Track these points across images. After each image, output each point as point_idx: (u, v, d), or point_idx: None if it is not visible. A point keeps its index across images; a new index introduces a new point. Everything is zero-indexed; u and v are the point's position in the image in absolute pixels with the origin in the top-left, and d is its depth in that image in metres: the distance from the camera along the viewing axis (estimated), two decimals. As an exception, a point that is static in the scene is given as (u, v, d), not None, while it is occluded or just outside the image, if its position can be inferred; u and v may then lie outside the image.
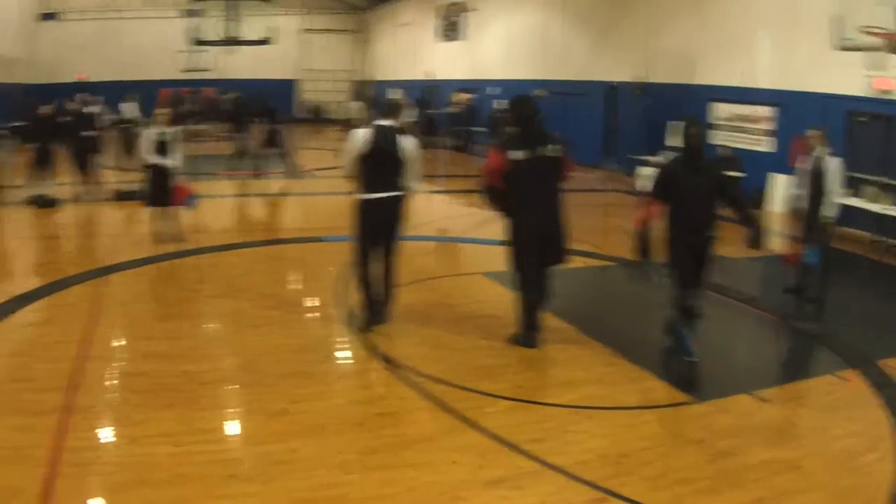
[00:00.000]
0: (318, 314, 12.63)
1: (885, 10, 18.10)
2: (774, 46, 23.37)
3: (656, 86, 28.47)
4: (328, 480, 7.27)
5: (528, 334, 11.00)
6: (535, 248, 10.75)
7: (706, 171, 10.10)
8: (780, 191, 21.75)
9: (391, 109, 11.37)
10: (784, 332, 12.49)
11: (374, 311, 11.33)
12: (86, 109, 23.69)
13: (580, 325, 11.88)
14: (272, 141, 28.37)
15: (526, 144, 10.43)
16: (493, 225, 18.05)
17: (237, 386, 9.53)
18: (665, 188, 10.00)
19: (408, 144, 11.02)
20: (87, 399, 8.88)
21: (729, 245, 10.64)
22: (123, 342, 11.18)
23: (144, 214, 17.44)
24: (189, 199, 16.84)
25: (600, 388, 9.76)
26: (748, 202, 10.60)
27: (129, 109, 31.84)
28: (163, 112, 17.30)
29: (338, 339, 11.31)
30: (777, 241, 17.15)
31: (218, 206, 22.57)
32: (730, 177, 10.68)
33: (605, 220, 22.02)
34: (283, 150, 28.72)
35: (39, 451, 7.56)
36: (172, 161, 16.42)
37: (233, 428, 8.48)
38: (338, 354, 10.96)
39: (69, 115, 23.33)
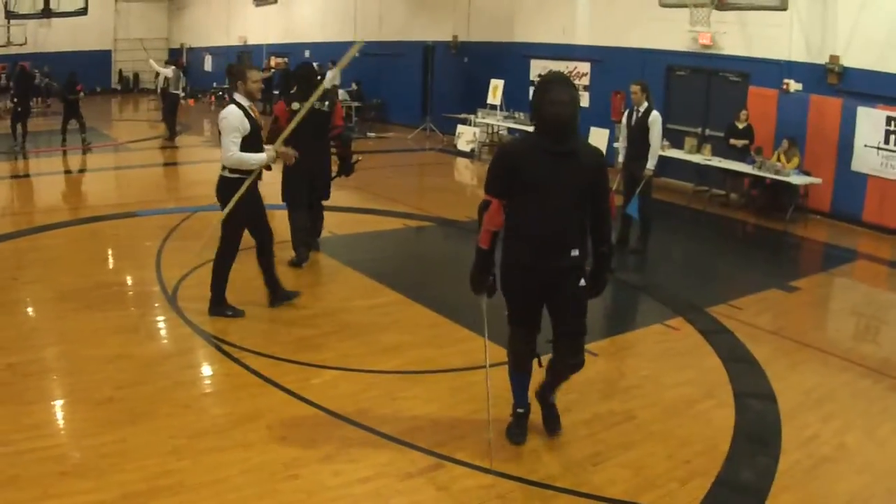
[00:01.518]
0: (137, 292, 12.24)
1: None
2: (593, 3, 23.66)
3: (474, 44, 28.64)
4: (161, 469, 7.08)
5: (299, 251, 13.20)
6: (306, 182, 13.15)
7: (574, 160, 6.89)
8: (601, 144, 22.10)
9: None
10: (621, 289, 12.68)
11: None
12: None
13: (401, 289, 11.99)
14: (71, 114, 27.59)
15: (303, 99, 11.86)
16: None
17: (62, 375, 9.17)
18: (504, 181, 7.07)
19: None
20: None
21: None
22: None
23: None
24: None
25: (426, 351, 9.85)
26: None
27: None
28: None
29: (159, 318, 11.00)
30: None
31: (30, 185, 22.03)
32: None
33: (421, 180, 22.04)
34: (82, 123, 27.73)
35: None
36: None
37: (61, 421, 8.09)
38: (160, 334, 10.53)
39: None
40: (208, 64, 50.48)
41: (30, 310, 11.64)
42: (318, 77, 14.38)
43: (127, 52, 55.16)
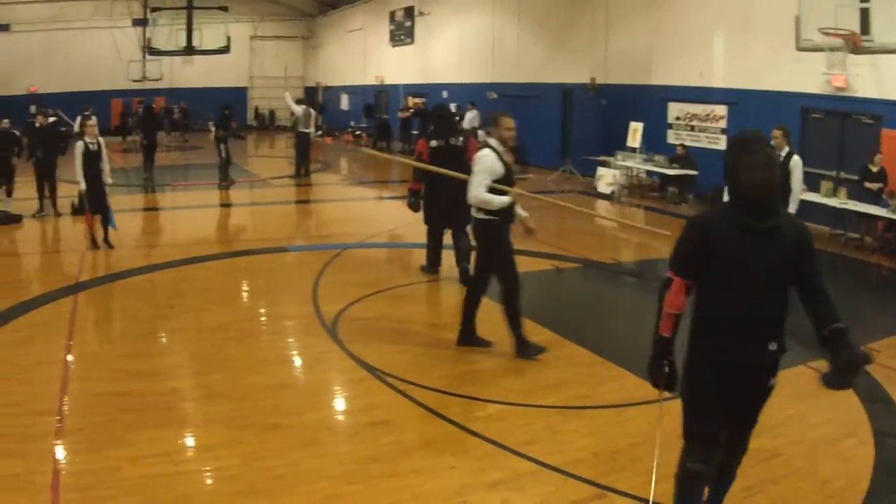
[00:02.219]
0: (296, 324, 12.51)
1: (846, 10, 18.46)
2: (728, 46, 23.61)
3: (612, 87, 28.61)
4: (334, 491, 7.26)
5: (432, 264, 15.23)
6: (446, 210, 14.25)
7: (777, 237, 5.92)
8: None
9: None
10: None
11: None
12: (46, 122, 23.50)
13: (555, 328, 11.97)
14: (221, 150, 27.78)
15: (440, 137, 14.53)
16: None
17: (228, 401, 9.43)
18: (694, 259, 6.09)
19: None
20: (76, 421, 8.76)
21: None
22: (105, 361, 10.94)
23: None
24: (110, 220, 17.40)
25: (583, 388, 9.90)
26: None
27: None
28: (90, 125, 17.84)
29: (320, 350, 11.25)
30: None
31: (175, 217, 22.58)
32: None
33: (564, 222, 22.05)
34: (228, 159, 28.03)
35: (39, 477, 7.45)
36: (103, 167, 17.37)
37: (229, 445, 8.29)
38: (322, 365, 10.82)
39: (36, 129, 23.29)
40: (345, 103, 51.08)
41: (190, 338, 11.96)
42: (457, 118, 16.32)
43: (262, 89, 56.24)
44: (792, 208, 13.56)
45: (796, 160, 14.06)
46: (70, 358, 10.92)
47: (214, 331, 12.21)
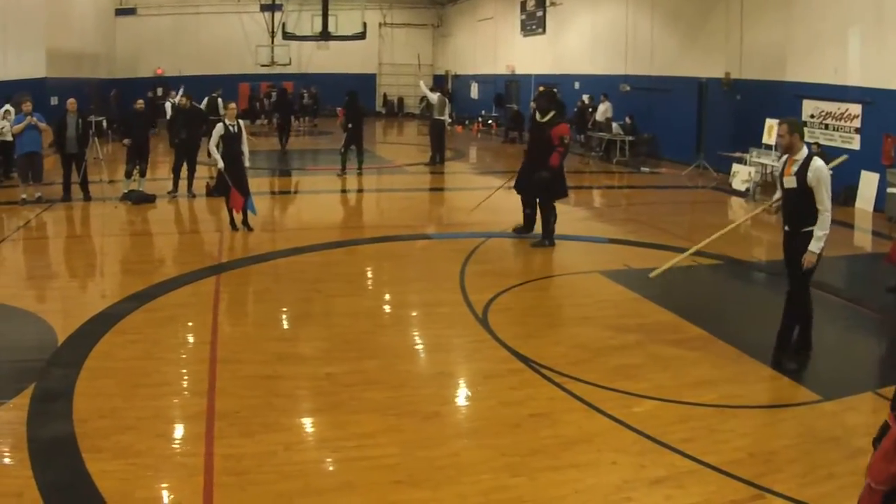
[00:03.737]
0: (446, 312, 12.54)
1: None
2: (864, 42, 23.16)
3: (745, 82, 28.27)
4: (497, 483, 7.29)
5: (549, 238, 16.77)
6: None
7: None
8: (870, 188, 21.73)
9: None
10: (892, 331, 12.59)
11: None
12: (176, 102, 23.94)
13: (702, 324, 11.91)
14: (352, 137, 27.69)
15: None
16: (593, 221, 18.21)
17: (385, 388, 9.50)
18: None
19: None
20: (228, 404, 8.90)
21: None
22: (254, 343, 11.14)
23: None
24: (249, 205, 17.65)
25: (735, 386, 9.82)
26: None
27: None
28: (231, 107, 18.34)
29: (473, 339, 11.27)
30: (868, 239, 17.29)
31: (312, 201, 23.04)
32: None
33: (701, 218, 21.85)
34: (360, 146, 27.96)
35: (192, 459, 7.60)
36: (243, 150, 17.77)
37: (389, 432, 8.33)
38: (477, 354, 10.75)
39: (180, 110, 23.79)
40: (474, 91, 51.13)
41: (339, 322, 12.05)
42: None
43: (391, 76, 56.52)
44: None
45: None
46: (217, 339, 11.13)
47: (364, 316, 12.35)
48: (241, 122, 18.17)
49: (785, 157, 10.25)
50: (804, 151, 10.05)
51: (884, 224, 20.31)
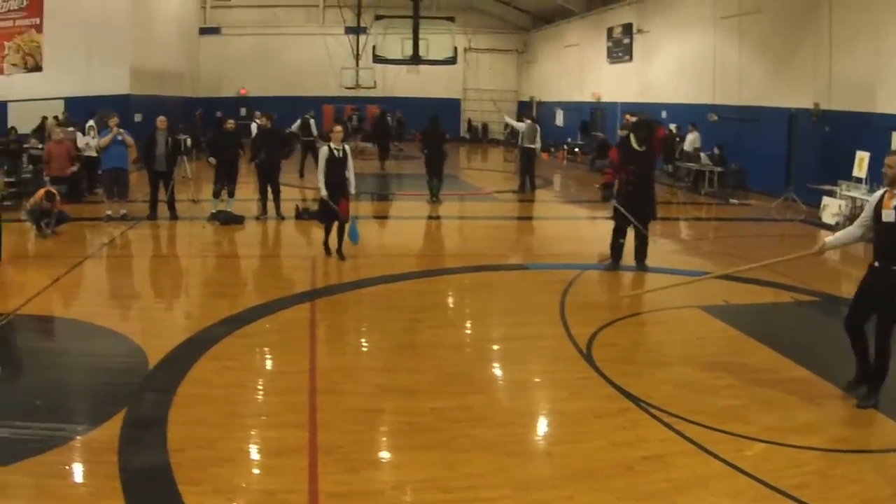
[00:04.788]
0: (549, 346, 12.50)
1: None
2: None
3: (834, 113, 27.99)
4: None
5: (614, 259, 17.66)
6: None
7: None
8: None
9: None
10: None
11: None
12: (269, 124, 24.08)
13: (808, 364, 11.73)
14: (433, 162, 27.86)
15: (639, 142, 17.00)
16: (685, 254, 18.08)
17: (492, 425, 9.42)
18: None
19: None
20: (331, 438, 8.84)
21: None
22: (355, 374, 11.14)
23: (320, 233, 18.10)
24: (351, 233, 17.56)
25: (841, 429, 9.74)
26: None
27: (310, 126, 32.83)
28: (337, 130, 18.03)
29: (579, 376, 11.19)
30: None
31: (402, 228, 23.29)
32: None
33: (793, 251, 21.70)
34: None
35: (296, 496, 7.53)
36: (349, 176, 17.44)
37: (500, 472, 8.20)
38: (584, 392, 10.59)
39: (259, 131, 24.12)
40: (559, 118, 51.01)
41: (441, 355, 12.02)
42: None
43: (475, 101, 56.59)
44: None
45: None
46: (315, 368, 11.12)
47: (465, 348, 12.48)
48: (346, 146, 17.96)
49: (883, 190, 10.09)
50: None
51: None
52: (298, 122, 33.99)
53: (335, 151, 17.44)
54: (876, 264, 10.02)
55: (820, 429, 9.67)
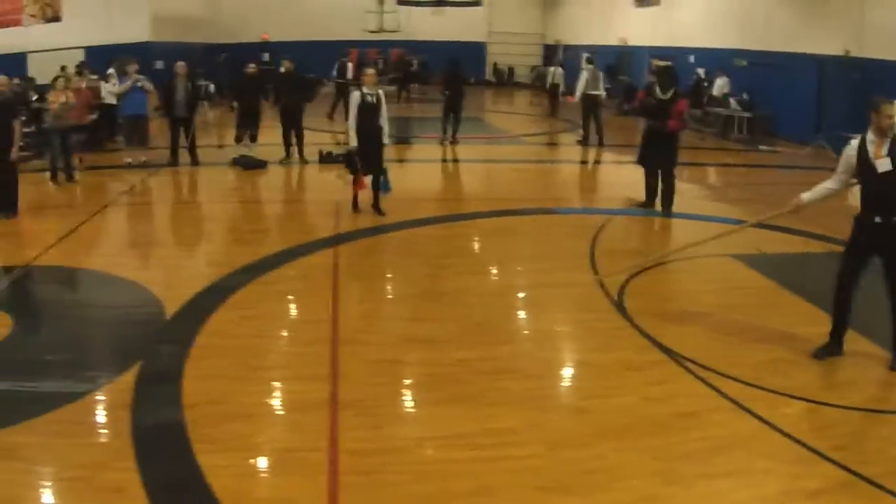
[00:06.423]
0: (579, 294, 12.19)
1: None
2: None
3: (866, 61, 27.51)
4: (649, 492, 6.91)
5: (648, 199, 18.04)
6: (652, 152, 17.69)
7: None
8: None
9: None
10: None
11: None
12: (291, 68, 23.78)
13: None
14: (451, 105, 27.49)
15: (662, 88, 17.31)
16: (717, 201, 18.01)
17: (522, 378, 9.13)
18: None
19: None
20: (352, 391, 8.57)
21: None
22: (378, 323, 10.93)
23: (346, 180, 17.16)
24: (383, 184, 16.62)
25: (882, 389, 9.45)
26: None
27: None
28: (370, 73, 16.95)
29: (611, 326, 10.89)
30: None
31: (428, 172, 22.92)
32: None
33: (828, 201, 21.38)
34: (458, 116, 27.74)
35: (315, 454, 7.25)
36: (382, 124, 16.27)
37: (531, 429, 7.95)
38: (616, 343, 10.29)
39: (281, 75, 23.95)
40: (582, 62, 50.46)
41: (467, 302, 11.73)
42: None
43: (501, 45, 56.03)
44: None
45: None
46: (338, 317, 10.81)
47: (493, 296, 12.15)
48: (380, 91, 16.63)
49: (859, 141, 9.76)
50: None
51: None
52: (336, 65, 34.46)
53: (368, 97, 16.14)
54: (877, 219, 9.54)
55: (859, 387, 9.36)
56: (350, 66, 33.79)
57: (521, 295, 12.55)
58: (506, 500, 6.74)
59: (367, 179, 16.34)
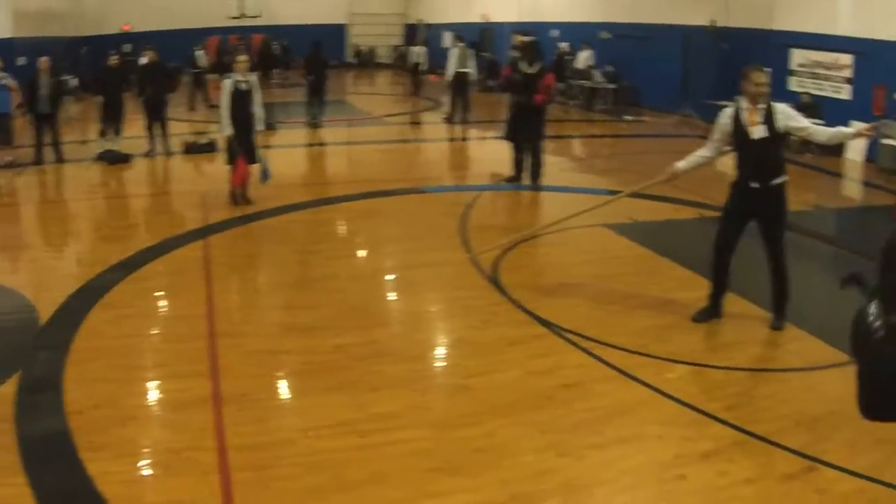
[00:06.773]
0: (453, 272, 12.02)
1: None
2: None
3: (732, 30, 27.85)
4: (542, 467, 6.78)
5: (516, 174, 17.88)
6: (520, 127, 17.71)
7: None
8: (860, 139, 21.52)
9: None
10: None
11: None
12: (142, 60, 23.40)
13: None
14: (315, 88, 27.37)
15: (526, 62, 17.31)
16: (585, 172, 17.98)
17: (401, 360, 8.95)
18: None
19: None
20: (234, 385, 8.25)
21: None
22: (254, 314, 10.66)
23: (220, 170, 16.93)
24: (264, 176, 15.98)
25: (764, 348, 9.54)
26: None
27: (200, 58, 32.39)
28: (242, 60, 16.24)
29: (488, 302, 10.73)
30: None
31: (294, 157, 22.42)
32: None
33: (707, 170, 21.59)
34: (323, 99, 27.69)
35: (204, 454, 6.93)
36: (255, 110, 15.64)
37: (415, 411, 7.78)
38: (495, 319, 10.14)
39: (144, 66, 23.42)
40: (447, 41, 50.38)
41: (340, 287, 11.49)
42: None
43: (362, 26, 55.78)
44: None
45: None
46: (213, 311, 10.48)
47: (365, 279, 11.93)
48: (253, 77, 16.05)
49: (734, 108, 9.96)
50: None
51: (874, 174, 20.15)
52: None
53: (240, 84, 15.55)
54: (754, 185, 9.61)
55: (741, 348, 9.43)
56: (204, 54, 33.11)
57: (394, 276, 12.32)
58: (399, 485, 6.53)
59: (254, 168, 15.82)
